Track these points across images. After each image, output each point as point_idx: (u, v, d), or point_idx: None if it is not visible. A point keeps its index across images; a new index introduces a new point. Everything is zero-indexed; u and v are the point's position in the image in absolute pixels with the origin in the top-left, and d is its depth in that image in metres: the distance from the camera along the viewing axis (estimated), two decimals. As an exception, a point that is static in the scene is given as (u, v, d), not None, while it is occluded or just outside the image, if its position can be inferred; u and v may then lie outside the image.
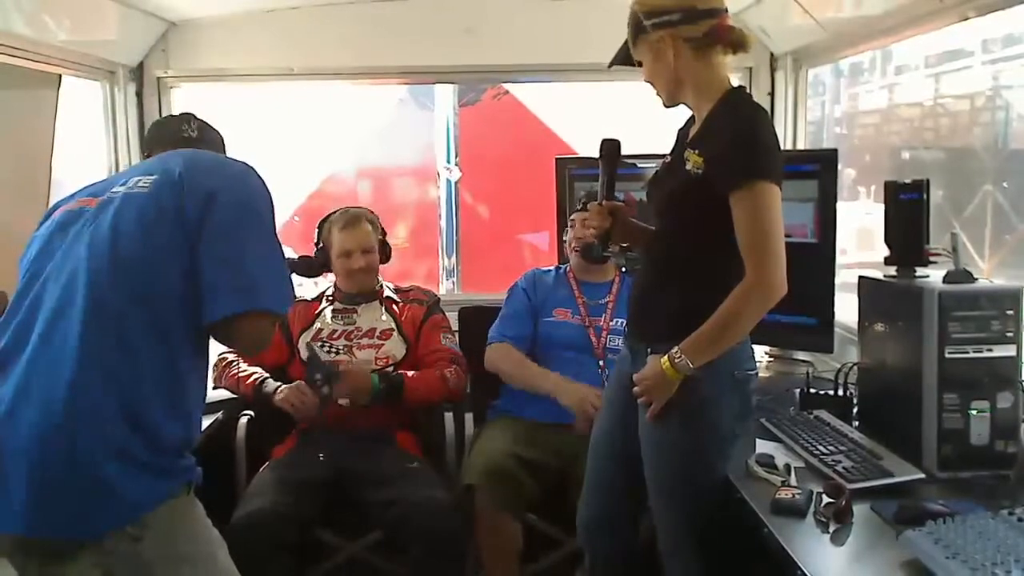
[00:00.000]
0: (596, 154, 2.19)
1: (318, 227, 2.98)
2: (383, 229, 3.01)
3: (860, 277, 2.19)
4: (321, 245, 2.95)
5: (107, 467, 1.54)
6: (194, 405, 1.71)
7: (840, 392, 2.29)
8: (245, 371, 2.78)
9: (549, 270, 3.08)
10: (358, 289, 2.95)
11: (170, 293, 1.63)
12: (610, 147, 2.18)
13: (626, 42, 2.05)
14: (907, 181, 2.12)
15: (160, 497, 1.60)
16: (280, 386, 2.75)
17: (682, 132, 2.12)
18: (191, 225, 1.64)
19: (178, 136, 1.99)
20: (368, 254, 2.92)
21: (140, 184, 1.70)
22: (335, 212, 2.98)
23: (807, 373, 2.50)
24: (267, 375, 2.79)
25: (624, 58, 2.07)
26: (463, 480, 2.66)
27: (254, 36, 3.38)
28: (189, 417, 1.68)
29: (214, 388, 2.79)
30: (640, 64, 2.04)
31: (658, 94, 2.05)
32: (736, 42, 1.96)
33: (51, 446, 1.52)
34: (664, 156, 2.13)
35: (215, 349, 2.85)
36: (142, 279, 1.61)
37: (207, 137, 2.03)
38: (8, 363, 1.60)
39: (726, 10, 1.97)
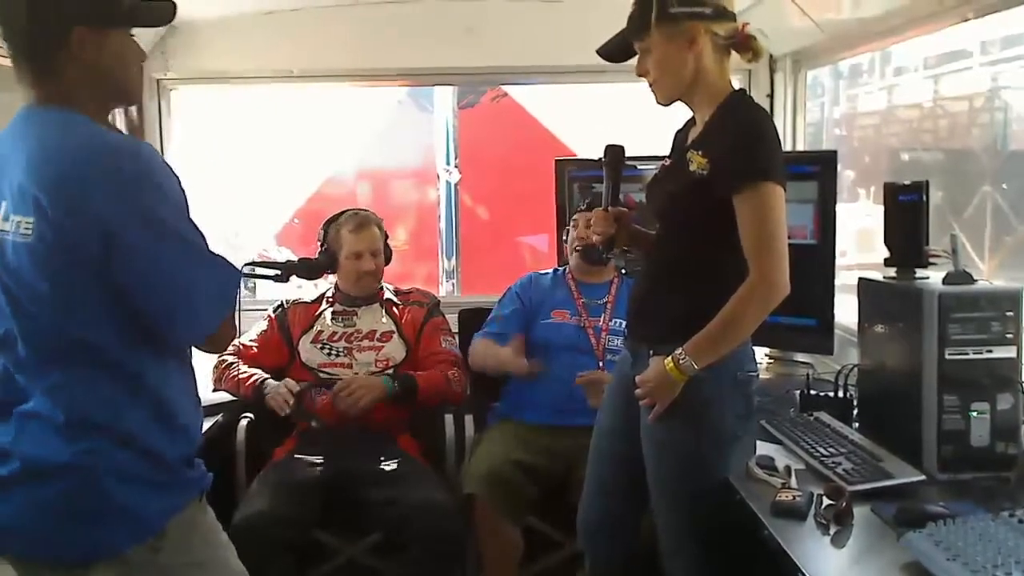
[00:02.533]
0: (596, 156, 2.19)
1: (324, 228, 2.96)
2: (386, 232, 3.01)
3: (860, 279, 2.19)
4: (326, 247, 2.94)
5: (119, 495, 1.54)
6: (184, 414, 1.66)
7: (840, 394, 2.29)
8: (245, 373, 2.79)
9: (547, 272, 3.09)
10: (363, 292, 2.95)
11: (105, 332, 1.54)
12: (614, 153, 2.18)
13: (622, 32, 2.00)
14: (906, 182, 2.11)
15: (175, 510, 1.61)
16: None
17: (680, 134, 2.12)
18: (93, 263, 1.49)
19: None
20: (377, 257, 2.93)
21: (23, 229, 1.50)
22: (343, 213, 2.98)
23: (807, 375, 2.50)
24: (267, 376, 2.79)
25: (615, 49, 2.03)
26: (464, 488, 2.66)
27: (253, 38, 3.38)
28: (185, 428, 1.66)
29: (214, 391, 2.79)
30: (637, 54, 2.00)
31: (653, 89, 2.01)
32: (757, 50, 1.97)
33: (58, 487, 1.53)
34: (664, 158, 2.13)
35: (210, 354, 2.88)
36: (70, 327, 1.52)
37: (18, 51, 1.56)
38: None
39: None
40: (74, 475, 1.52)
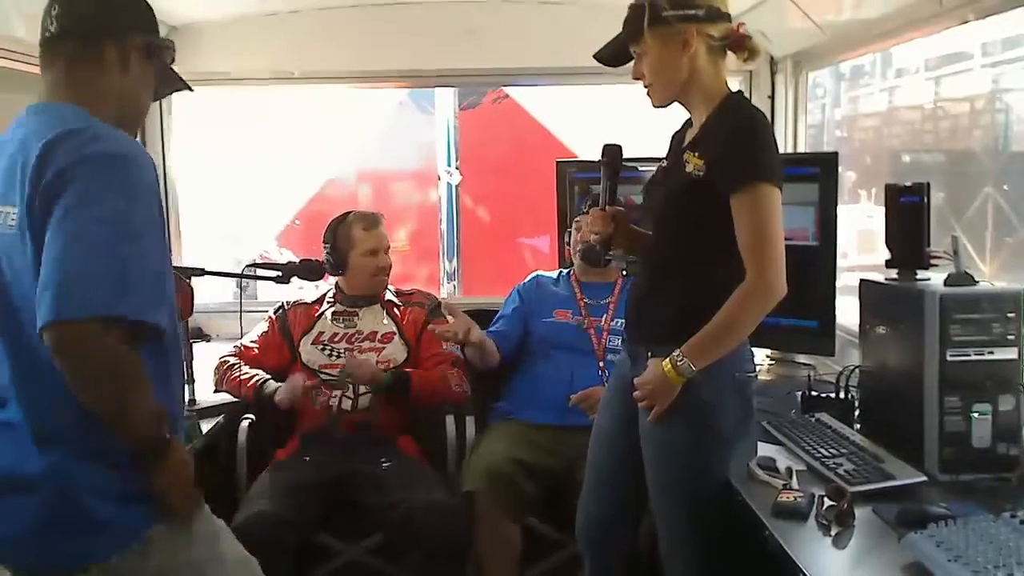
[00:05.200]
0: (596, 157, 2.19)
1: (332, 229, 2.96)
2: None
3: (861, 280, 2.19)
4: (332, 246, 2.93)
5: (96, 507, 1.53)
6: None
7: (841, 395, 2.29)
8: (246, 374, 2.79)
9: (552, 273, 3.10)
10: (375, 289, 2.96)
11: None
12: (612, 152, 2.18)
13: (618, 37, 2.01)
14: (907, 184, 2.11)
15: (159, 517, 1.59)
16: (280, 387, 2.76)
17: (677, 136, 2.12)
18: None
19: (42, 31, 1.61)
20: (387, 254, 2.95)
21: (10, 220, 1.51)
22: (349, 213, 2.98)
23: (808, 376, 2.50)
24: (268, 376, 2.79)
25: (613, 53, 2.04)
26: (464, 485, 2.66)
27: (255, 40, 3.39)
28: None
29: (215, 392, 2.79)
30: (633, 58, 2.01)
31: (649, 92, 2.02)
32: (752, 49, 1.97)
33: (35, 499, 1.52)
34: (661, 160, 2.13)
35: (211, 355, 2.89)
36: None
37: (71, 28, 1.60)
38: None
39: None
40: (49, 487, 1.52)
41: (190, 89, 1.81)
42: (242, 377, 2.78)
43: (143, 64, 1.66)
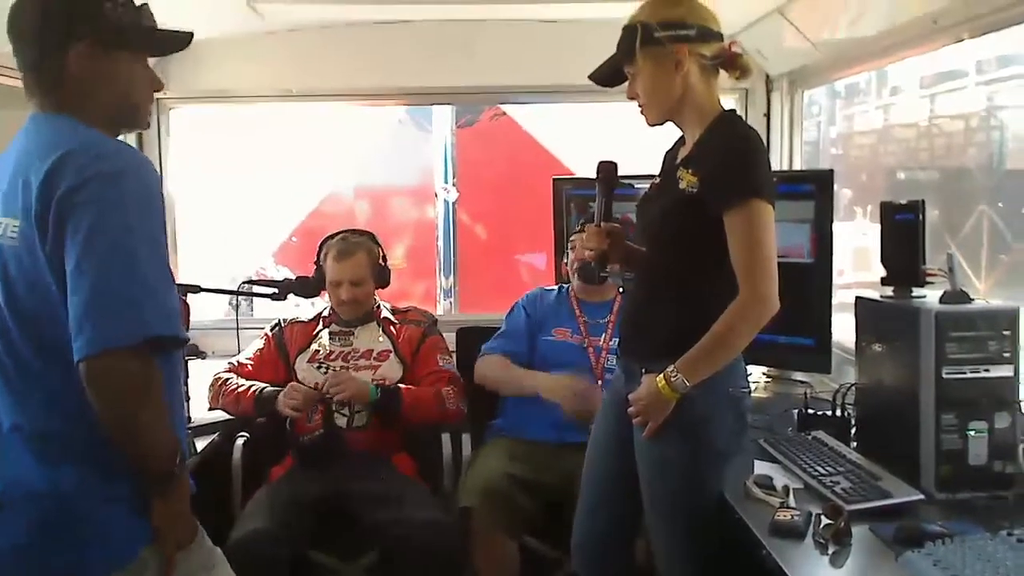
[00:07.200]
0: (593, 175, 2.19)
1: (319, 248, 2.97)
2: (384, 255, 3.00)
3: (857, 297, 2.19)
4: (316, 266, 2.95)
5: (97, 519, 1.52)
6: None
7: (838, 413, 2.29)
8: (243, 385, 2.78)
9: (552, 289, 3.09)
10: (346, 316, 2.95)
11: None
12: (607, 169, 2.19)
13: (612, 58, 2.03)
14: (903, 201, 2.12)
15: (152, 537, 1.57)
16: (280, 392, 2.75)
17: (670, 153, 2.13)
18: (56, 264, 1.47)
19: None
20: (357, 286, 2.89)
21: (10, 232, 1.51)
22: (336, 235, 2.97)
23: (805, 394, 2.50)
24: (265, 385, 2.78)
25: (607, 73, 2.05)
26: (460, 502, 2.65)
27: (253, 57, 3.40)
28: None
29: (210, 409, 2.78)
30: (626, 79, 2.02)
31: (643, 111, 2.04)
32: (743, 67, 1.98)
33: (34, 514, 1.51)
34: (654, 177, 2.14)
35: (207, 372, 2.88)
36: (51, 336, 1.48)
37: (29, 66, 1.60)
38: None
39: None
40: (51, 500, 1.51)
41: (185, 45, 1.71)
42: (239, 389, 2.77)
43: (105, 61, 1.60)
